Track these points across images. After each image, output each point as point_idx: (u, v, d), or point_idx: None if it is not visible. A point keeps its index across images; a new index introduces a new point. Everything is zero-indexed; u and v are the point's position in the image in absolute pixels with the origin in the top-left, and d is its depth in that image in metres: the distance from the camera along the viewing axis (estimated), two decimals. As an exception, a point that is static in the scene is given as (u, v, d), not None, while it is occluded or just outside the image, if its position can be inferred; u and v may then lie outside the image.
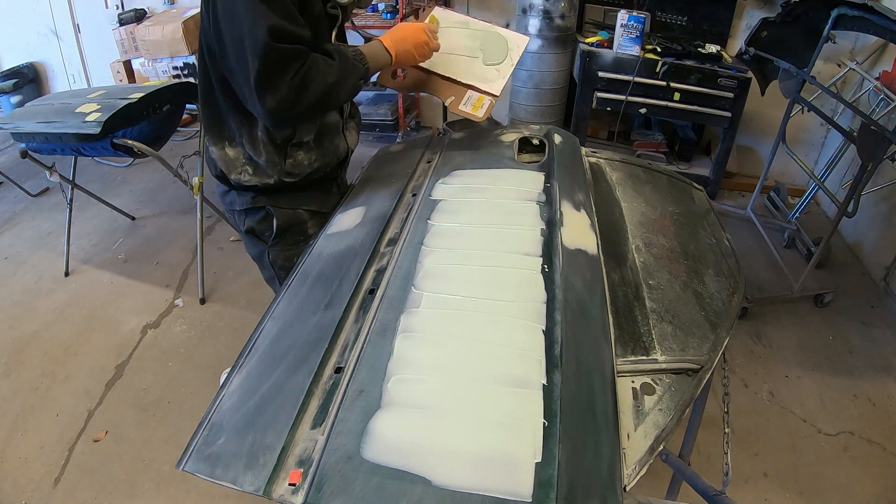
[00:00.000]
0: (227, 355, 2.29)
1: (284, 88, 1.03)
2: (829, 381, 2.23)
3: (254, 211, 1.31)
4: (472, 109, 1.37)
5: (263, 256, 1.37)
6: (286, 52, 1.02)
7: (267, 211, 1.30)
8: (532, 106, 3.44)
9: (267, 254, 1.36)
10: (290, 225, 1.32)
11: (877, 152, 2.06)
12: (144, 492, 1.78)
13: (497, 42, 1.44)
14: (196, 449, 0.71)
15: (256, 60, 1.00)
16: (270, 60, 1.01)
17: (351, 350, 0.81)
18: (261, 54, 1.00)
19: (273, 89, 1.03)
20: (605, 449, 0.72)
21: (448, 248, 1.00)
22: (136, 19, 4.05)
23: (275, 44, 1.00)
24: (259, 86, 1.02)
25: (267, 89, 1.03)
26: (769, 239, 2.86)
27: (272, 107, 1.04)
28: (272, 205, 1.29)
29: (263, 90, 1.03)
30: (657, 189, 1.42)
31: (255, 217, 1.32)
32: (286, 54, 1.02)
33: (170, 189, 3.52)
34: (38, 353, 2.33)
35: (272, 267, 1.37)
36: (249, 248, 1.41)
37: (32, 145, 2.41)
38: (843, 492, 1.82)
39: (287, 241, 1.33)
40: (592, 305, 0.92)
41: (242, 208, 1.31)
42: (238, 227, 1.37)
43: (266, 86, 1.02)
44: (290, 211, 1.31)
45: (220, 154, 1.27)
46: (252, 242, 1.38)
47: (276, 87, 1.03)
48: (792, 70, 2.54)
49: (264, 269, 1.42)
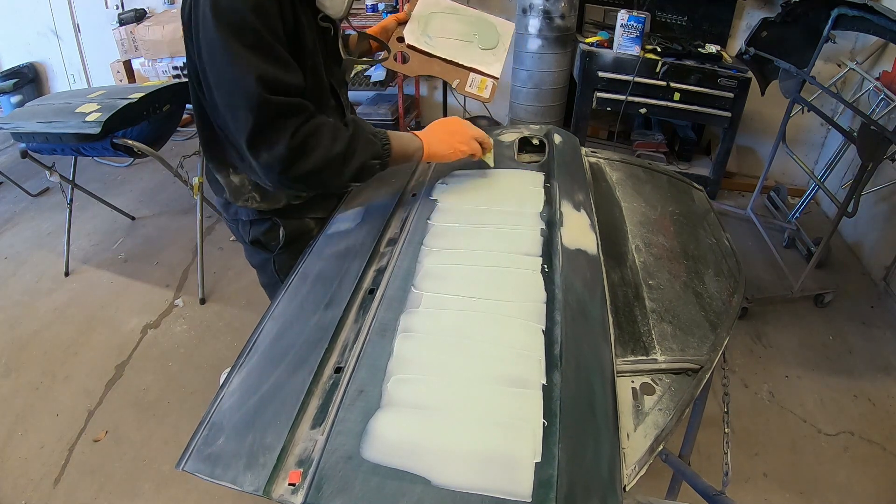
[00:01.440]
0: (227, 355, 2.29)
1: (281, 146, 0.94)
2: (829, 381, 2.23)
3: (260, 222, 1.26)
4: (477, 90, 1.44)
5: (268, 265, 1.32)
6: (283, 106, 0.94)
7: (273, 222, 1.26)
8: (532, 106, 3.44)
9: (273, 262, 1.31)
10: (298, 234, 1.28)
11: (877, 152, 2.06)
12: (144, 492, 1.78)
13: (488, 28, 1.51)
14: (196, 449, 0.71)
15: (251, 115, 0.92)
16: (263, 114, 0.93)
17: (351, 350, 0.81)
18: (253, 109, 0.92)
19: (268, 146, 0.95)
20: (604, 449, 0.72)
21: (448, 248, 1.00)
22: (136, 19, 4.05)
23: (269, 96, 0.92)
24: (252, 141, 0.95)
25: (260, 146, 0.95)
26: (769, 239, 2.86)
27: (267, 162, 0.96)
28: (279, 216, 1.25)
29: (257, 147, 0.95)
30: (657, 189, 1.42)
31: (261, 228, 1.27)
32: (283, 108, 0.94)
33: (170, 189, 3.52)
34: (38, 353, 2.33)
35: (277, 275, 1.32)
36: (252, 256, 1.36)
37: (32, 145, 2.41)
38: (843, 492, 1.82)
39: (294, 249, 1.27)
40: (592, 305, 0.92)
41: (248, 219, 1.26)
42: (242, 237, 1.31)
43: (260, 142, 0.95)
44: (297, 220, 1.27)
45: (225, 182, 1.20)
46: (256, 252, 1.32)
47: (271, 144, 0.95)
48: (792, 70, 2.54)
49: (267, 276, 1.37)
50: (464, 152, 1.18)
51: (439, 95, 4.09)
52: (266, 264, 1.33)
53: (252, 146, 0.95)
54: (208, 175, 1.25)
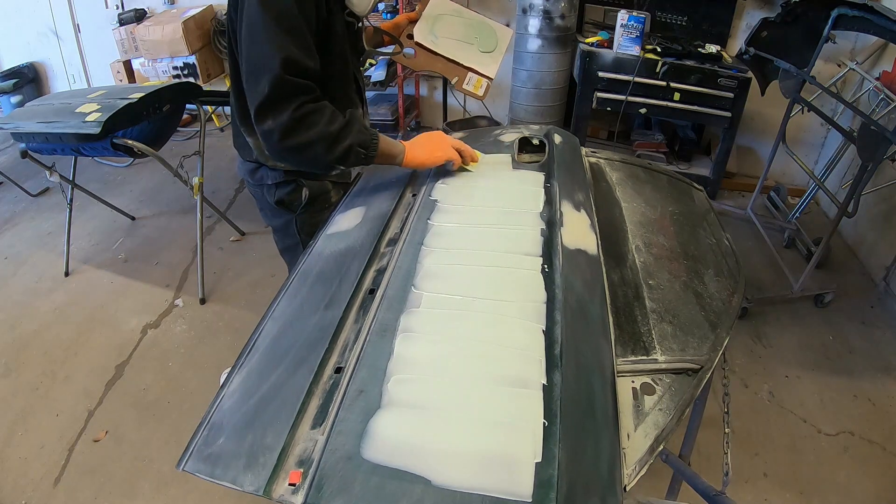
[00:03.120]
0: (227, 355, 2.29)
1: (285, 116, 1.08)
2: (829, 381, 2.23)
3: (285, 184, 1.39)
4: (473, 88, 1.60)
5: (290, 225, 1.46)
6: (296, 87, 1.09)
7: (298, 183, 1.39)
8: (532, 106, 3.44)
9: (294, 222, 1.46)
10: (318, 194, 1.42)
11: (877, 152, 2.07)
12: (144, 492, 1.79)
13: (488, 32, 1.68)
14: (196, 449, 0.71)
15: (268, 87, 1.07)
16: (279, 89, 1.07)
17: (351, 350, 0.81)
18: (272, 82, 1.06)
19: (274, 114, 1.09)
20: (605, 449, 0.72)
21: (448, 248, 1.00)
22: (136, 19, 4.05)
23: (286, 76, 1.07)
24: (262, 108, 1.09)
25: (268, 112, 1.09)
26: (769, 239, 2.87)
27: (268, 128, 1.10)
28: (303, 177, 1.39)
29: (265, 112, 1.09)
30: (657, 189, 1.42)
31: (286, 189, 1.40)
32: (296, 88, 1.09)
33: (170, 189, 3.52)
34: (38, 353, 2.33)
35: (298, 234, 1.47)
36: (275, 219, 1.49)
37: (32, 145, 2.41)
38: (843, 492, 1.82)
39: (314, 208, 1.44)
40: (592, 305, 0.92)
41: (273, 182, 1.39)
42: (267, 199, 1.44)
43: (269, 109, 1.09)
44: (318, 182, 1.42)
45: (254, 143, 1.34)
46: (279, 213, 1.46)
47: (277, 113, 1.09)
48: (792, 70, 2.54)
49: (288, 237, 1.50)
50: (440, 157, 1.26)
51: (439, 95, 4.10)
52: (288, 225, 1.47)
53: (260, 113, 1.10)
54: (237, 140, 1.39)
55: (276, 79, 1.06)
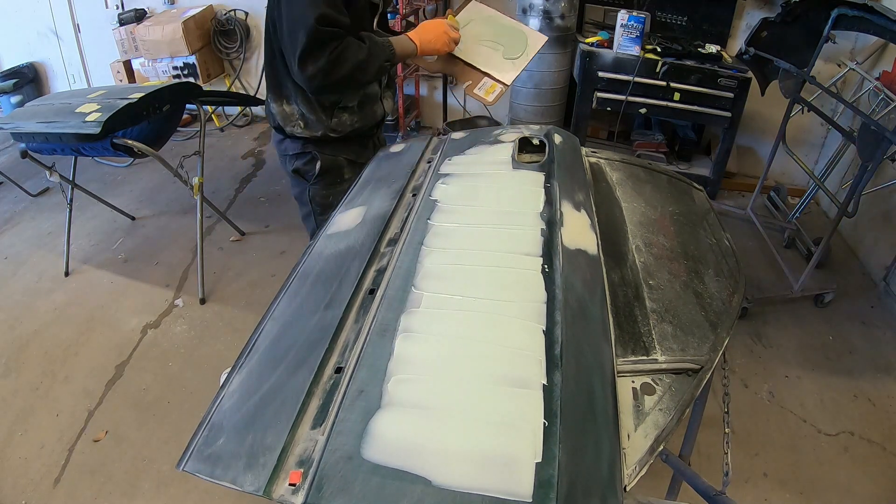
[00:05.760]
0: (227, 355, 2.29)
1: (322, 60, 1.33)
2: (829, 381, 2.23)
3: (302, 155, 1.62)
4: (484, 94, 1.60)
5: (304, 194, 1.67)
6: (328, 34, 1.32)
7: (313, 155, 1.61)
8: (532, 106, 3.44)
9: (308, 191, 1.66)
10: (330, 167, 1.63)
11: (877, 152, 2.06)
12: (144, 492, 1.79)
13: (518, 38, 1.66)
14: (196, 449, 0.71)
15: (304, 37, 1.30)
16: (315, 38, 1.30)
17: (351, 350, 0.81)
18: (308, 33, 1.29)
19: (313, 60, 1.33)
20: (605, 449, 0.72)
21: (448, 248, 1.00)
22: (136, 19, 4.05)
23: (320, 27, 1.30)
24: (302, 56, 1.32)
25: (308, 60, 1.32)
26: (769, 239, 2.87)
27: (311, 73, 1.34)
28: (318, 151, 1.61)
29: (306, 60, 1.33)
30: (657, 189, 1.42)
31: (303, 160, 1.63)
32: (328, 35, 1.32)
33: (170, 189, 3.52)
34: (38, 353, 2.33)
35: (311, 203, 1.68)
36: (294, 188, 1.72)
37: (32, 145, 2.41)
38: (843, 492, 1.82)
39: (326, 181, 1.64)
40: (592, 305, 0.92)
41: (293, 153, 1.62)
42: (287, 167, 1.67)
43: (308, 57, 1.32)
44: (332, 157, 1.62)
45: (279, 110, 1.57)
46: (297, 182, 1.68)
47: (316, 59, 1.32)
48: (792, 70, 2.54)
49: (303, 205, 1.71)
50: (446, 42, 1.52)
51: (439, 95, 4.10)
52: (303, 194, 1.68)
53: (301, 61, 1.33)
54: (266, 109, 1.64)
55: (312, 30, 1.28)
